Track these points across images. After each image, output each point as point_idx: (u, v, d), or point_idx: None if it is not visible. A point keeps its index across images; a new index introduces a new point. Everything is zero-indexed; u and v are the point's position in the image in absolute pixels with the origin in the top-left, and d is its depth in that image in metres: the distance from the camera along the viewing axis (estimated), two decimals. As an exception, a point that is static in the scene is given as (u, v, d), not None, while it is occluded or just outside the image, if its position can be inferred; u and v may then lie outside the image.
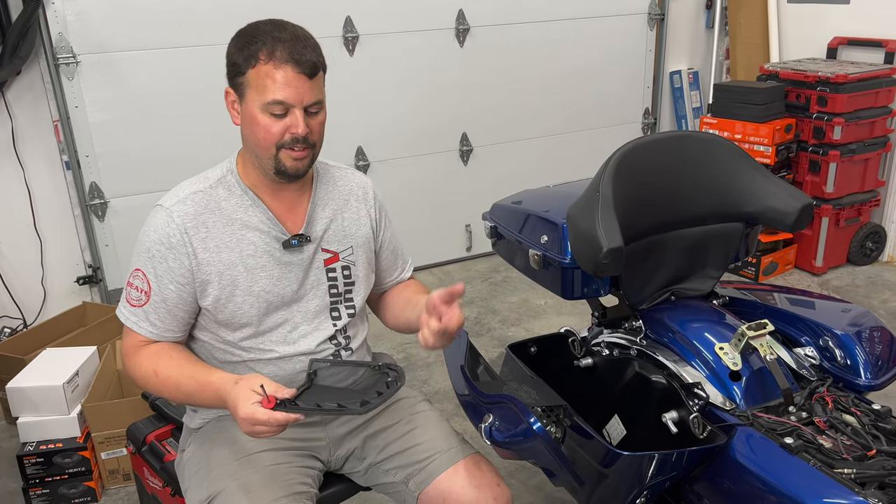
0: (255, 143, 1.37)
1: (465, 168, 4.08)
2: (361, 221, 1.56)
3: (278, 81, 1.31)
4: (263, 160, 1.38)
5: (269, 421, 1.22)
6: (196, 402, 1.42)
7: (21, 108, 3.11)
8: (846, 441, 1.29)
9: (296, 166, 1.38)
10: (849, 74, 3.46)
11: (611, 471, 1.34)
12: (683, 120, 4.63)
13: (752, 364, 1.45)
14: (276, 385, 1.26)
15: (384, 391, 1.30)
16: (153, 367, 1.40)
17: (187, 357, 1.43)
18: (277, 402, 1.24)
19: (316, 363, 1.38)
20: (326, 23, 3.51)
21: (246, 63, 1.33)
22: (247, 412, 1.23)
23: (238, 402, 1.25)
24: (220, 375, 1.34)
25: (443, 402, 2.79)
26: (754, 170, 1.64)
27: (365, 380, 1.40)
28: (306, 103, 1.34)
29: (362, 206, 1.57)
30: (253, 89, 1.33)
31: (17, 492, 2.38)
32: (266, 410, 1.23)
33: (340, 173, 1.58)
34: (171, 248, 1.38)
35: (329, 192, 1.53)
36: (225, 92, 1.41)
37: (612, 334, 1.71)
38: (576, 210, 1.52)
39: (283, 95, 1.32)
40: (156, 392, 1.44)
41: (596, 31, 4.20)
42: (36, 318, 3.29)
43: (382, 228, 1.61)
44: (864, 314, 1.62)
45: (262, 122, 1.34)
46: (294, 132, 1.34)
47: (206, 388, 1.34)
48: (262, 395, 1.24)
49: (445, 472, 1.47)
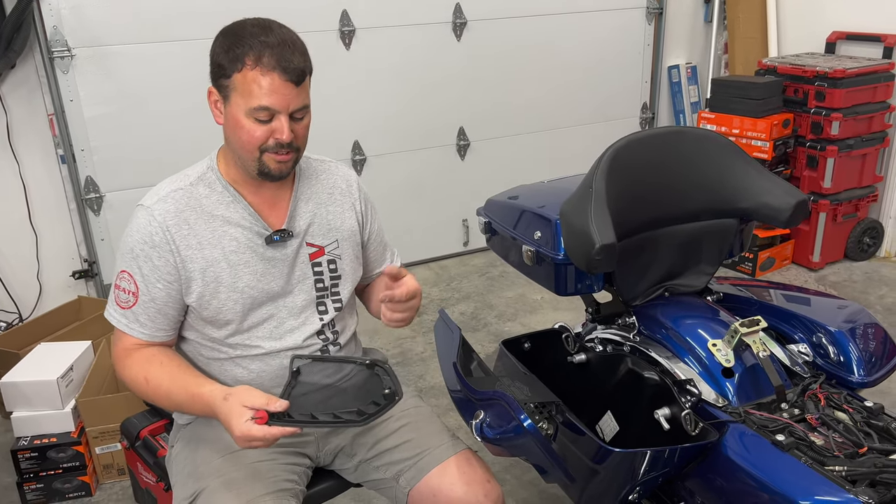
0: (239, 145, 1.36)
1: (463, 163, 4.07)
2: (346, 215, 1.55)
3: (264, 88, 1.29)
4: (246, 161, 1.38)
5: (266, 437, 1.22)
6: (186, 412, 1.43)
7: (16, 102, 3.10)
8: (838, 438, 1.28)
9: (279, 168, 1.38)
10: (847, 69, 3.45)
11: (603, 467, 1.34)
12: (681, 114, 4.62)
13: (744, 361, 1.44)
14: (266, 397, 1.25)
15: (382, 403, 1.28)
16: (144, 374, 1.39)
17: (178, 364, 1.41)
18: (271, 416, 1.23)
19: (298, 360, 1.36)
20: (323, 16, 3.49)
21: (232, 66, 1.31)
22: (242, 431, 1.22)
23: (231, 420, 1.24)
24: (210, 388, 1.33)
25: (438, 397, 2.79)
26: (748, 166, 1.63)
27: (353, 377, 1.39)
28: (292, 109, 1.33)
29: (346, 199, 1.56)
30: (238, 93, 1.32)
31: (11, 486, 2.38)
32: (261, 427, 1.22)
33: (323, 167, 1.57)
34: (155, 246, 1.37)
35: (312, 187, 1.52)
36: (208, 91, 1.39)
37: (605, 330, 1.70)
38: (569, 206, 1.52)
39: (269, 102, 1.30)
40: (147, 398, 1.44)
41: (594, 26, 4.18)
42: (31, 312, 3.29)
43: (370, 221, 1.61)
44: (859, 311, 1.61)
45: (246, 126, 1.33)
46: (279, 138, 1.33)
47: (196, 399, 1.34)
48: (254, 411, 1.23)
49: (436, 469, 1.47)
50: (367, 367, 1.37)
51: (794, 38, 4.14)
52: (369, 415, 1.26)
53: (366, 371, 1.37)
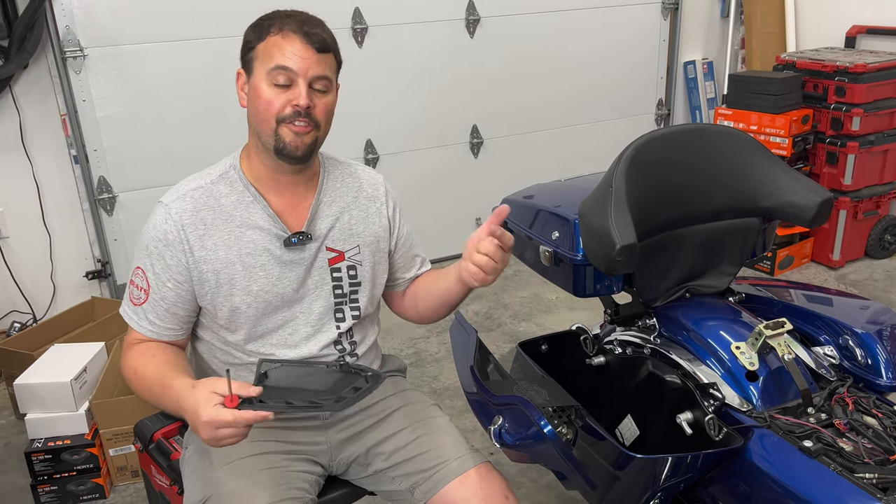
0: (257, 117, 1.34)
1: (476, 161, 4.04)
2: (371, 220, 1.52)
3: (285, 49, 1.30)
4: (263, 137, 1.35)
5: (236, 421, 1.13)
6: (163, 407, 1.35)
7: (29, 103, 3.10)
8: (867, 444, 1.24)
9: (296, 142, 1.33)
10: (868, 64, 3.39)
11: (623, 473, 1.31)
12: (698, 111, 4.56)
13: (769, 364, 1.40)
14: (238, 383, 1.17)
15: (362, 386, 1.22)
16: (134, 366, 1.37)
17: (167, 358, 1.36)
18: (242, 401, 1.14)
19: (265, 363, 1.27)
20: (335, 14, 3.48)
21: (257, 38, 1.34)
22: (210, 415, 1.13)
23: (199, 406, 1.15)
24: (181, 380, 1.25)
25: (453, 398, 2.77)
26: (772, 163, 1.59)
27: (325, 377, 1.31)
28: (311, 75, 1.32)
29: (372, 205, 1.53)
30: (260, 61, 1.33)
31: (25, 488, 2.38)
32: (231, 410, 1.12)
33: (350, 170, 1.54)
34: (168, 244, 1.36)
35: (337, 189, 1.49)
36: (237, 74, 1.39)
37: (625, 332, 1.67)
38: (588, 206, 1.48)
39: (288, 62, 1.30)
40: (137, 393, 1.38)
41: (608, 21, 4.14)
42: (46, 312, 3.30)
43: (398, 226, 1.57)
44: (885, 311, 1.57)
45: (264, 93, 1.32)
46: (296, 103, 1.31)
47: (167, 392, 1.27)
48: (223, 396, 1.14)
49: (452, 483, 1.42)
50: (339, 369, 1.33)
51: (812, 32, 4.09)
52: (349, 398, 1.19)
53: (339, 373, 1.32)
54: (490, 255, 1.31)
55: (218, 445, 1.17)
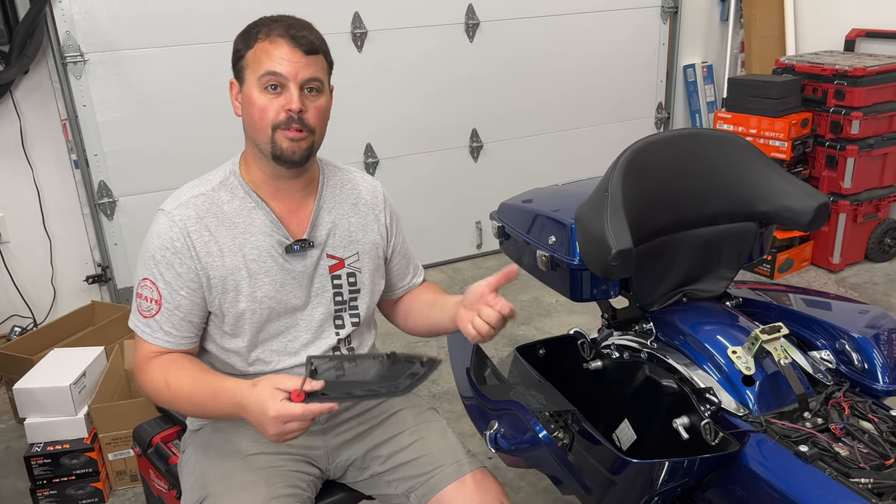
0: (252, 126, 1.35)
1: (476, 164, 4.04)
2: (369, 227, 1.52)
3: (273, 54, 1.31)
4: (261, 144, 1.35)
5: (304, 414, 1.17)
6: (209, 413, 1.37)
7: (29, 108, 3.11)
8: (863, 449, 1.25)
9: (292, 148, 1.34)
10: (867, 67, 3.39)
11: (620, 478, 1.31)
12: (697, 114, 4.57)
13: (765, 368, 1.41)
14: (298, 379, 1.20)
15: (419, 372, 1.23)
16: (164, 379, 1.36)
17: (199, 366, 1.38)
18: (307, 395, 1.18)
19: (315, 360, 1.29)
20: (334, 18, 3.49)
21: (246, 46, 1.34)
22: (278, 410, 1.17)
23: (266, 403, 1.19)
24: (234, 381, 1.29)
25: (451, 402, 2.77)
26: (768, 168, 1.60)
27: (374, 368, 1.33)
28: (301, 78, 1.32)
29: (371, 212, 1.53)
30: (250, 69, 1.33)
31: (24, 493, 2.38)
32: (300, 404, 1.17)
33: (349, 176, 1.54)
34: (176, 252, 1.35)
35: (336, 196, 1.49)
36: (230, 84, 1.40)
37: (622, 336, 1.67)
38: (584, 210, 1.49)
39: (277, 67, 1.30)
40: (169, 405, 1.40)
41: (608, 25, 4.14)
42: (46, 316, 3.30)
43: (394, 233, 1.57)
44: (882, 316, 1.57)
45: (257, 101, 1.32)
46: (288, 108, 1.31)
47: (219, 395, 1.29)
48: (287, 392, 1.18)
49: (448, 487, 1.42)
50: (387, 358, 1.32)
51: (812, 36, 4.09)
52: (409, 384, 1.21)
53: (387, 362, 1.32)
54: (492, 324, 1.34)
55: (284, 440, 1.21)
